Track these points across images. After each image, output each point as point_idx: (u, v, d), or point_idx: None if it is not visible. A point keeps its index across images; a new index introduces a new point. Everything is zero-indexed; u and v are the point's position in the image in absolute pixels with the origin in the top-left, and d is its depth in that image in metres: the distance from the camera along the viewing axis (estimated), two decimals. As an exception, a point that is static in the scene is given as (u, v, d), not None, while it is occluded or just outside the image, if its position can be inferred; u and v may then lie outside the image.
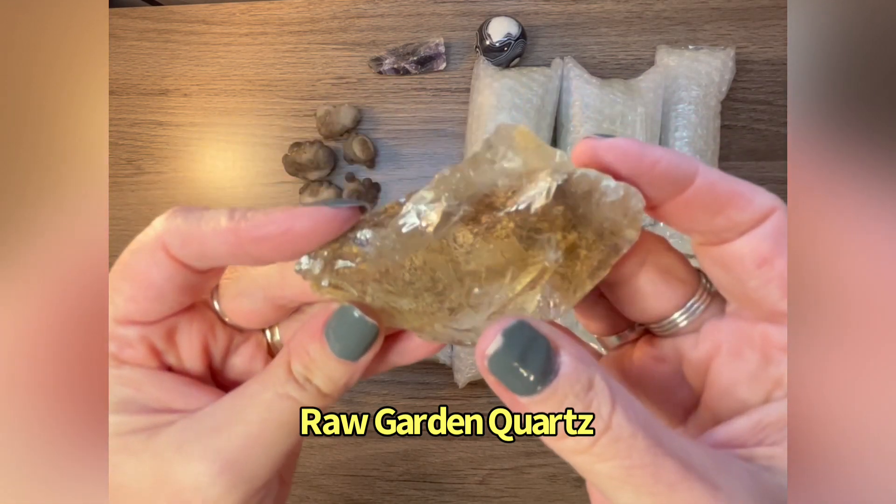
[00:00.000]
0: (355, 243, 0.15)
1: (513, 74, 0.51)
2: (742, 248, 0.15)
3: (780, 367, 0.15)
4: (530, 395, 0.13)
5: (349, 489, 0.53)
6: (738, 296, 0.16)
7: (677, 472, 0.13)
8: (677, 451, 0.13)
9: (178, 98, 0.57)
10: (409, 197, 0.15)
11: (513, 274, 0.15)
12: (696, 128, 0.50)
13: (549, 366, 0.13)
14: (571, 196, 0.14)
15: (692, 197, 0.15)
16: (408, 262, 0.15)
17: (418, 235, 0.15)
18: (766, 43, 0.54)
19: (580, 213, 0.15)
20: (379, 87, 0.56)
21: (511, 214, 0.15)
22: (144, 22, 0.58)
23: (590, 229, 0.15)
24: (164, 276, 0.17)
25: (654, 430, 0.13)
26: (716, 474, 0.13)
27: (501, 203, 0.15)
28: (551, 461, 0.53)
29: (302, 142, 0.53)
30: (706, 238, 0.16)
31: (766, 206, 0.15)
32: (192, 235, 0.16)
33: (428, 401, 0.54)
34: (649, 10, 0.54)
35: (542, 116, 0.50)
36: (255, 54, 0.57)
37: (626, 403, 0.14)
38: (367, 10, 0.56)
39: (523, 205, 0.14)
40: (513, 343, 0.13)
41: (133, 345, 0.18)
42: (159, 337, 0.18)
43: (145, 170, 0.57)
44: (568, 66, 0.52)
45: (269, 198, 0.56)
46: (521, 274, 0.15)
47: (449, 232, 0.15)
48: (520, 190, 0.14)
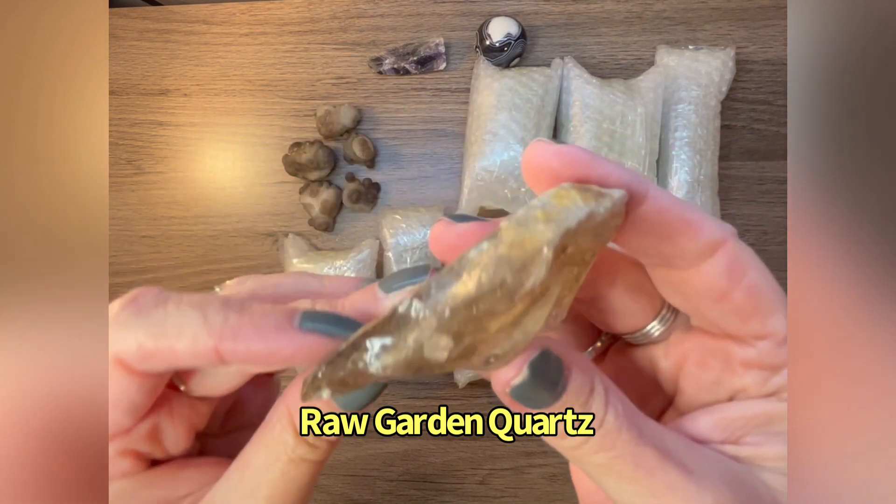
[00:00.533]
0: (364, 361, 0.14)
1: (513, 74, 0.51)
2: (697, 283, 0.15)
3: (744, 379, 0.16)
4: (545, 408, 0.14)
5: (349, 489, 0.53)
6: (698, 319, 0.17)
7: (655, 459, 0.14)
8: (656, 440, 0.15)
9: (178, 98, 0.57)
10: (417, 295, 0.13)
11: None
12: (696, 128, 0.50)
13: (563, 383, 0.14)
14: (571, 237, 0.14)
15: (640, 219, 0.15)
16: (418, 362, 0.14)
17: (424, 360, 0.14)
18: (766, 43, 0.54)
19: (577, 237, 0.14)
20: (379, 87, 0.56)
21: (518, 300, 0.13)
22: (144, 22, 0.58)
23: (583, 241, 0.14)
24: (127, 392, 0.16)
25: (636, 421, 0.15)
26: (689, 459, 0.15)
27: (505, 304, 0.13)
28: (551, 461, 0.53)
29: (302, 142, 0.53)
30: (653, 261, 0.16)
31: (717, 237, 0.15)
32: (156, 351, 0.15)
33: (428, 401, 0.54)
34: (649, 10, 0.54)
35: (542, 116, 0.50)
36: (255, 54, 0.57)
37: (616, 400, 0.15)
38: (367, 10, 0.56)
39: (528, 285, 0.13)
40: (536, 373, 0.14)
41: (114, 461, 0.17)
42: (141, 440, 0.17)
43: (145, 170, 0.57)
44: (568, 66, 0.52)
45: (269, 198, 0.56)
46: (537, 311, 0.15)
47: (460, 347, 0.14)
48: (522, 281, 0.13)
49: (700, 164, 0.50)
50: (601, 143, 0.49)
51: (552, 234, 0.13)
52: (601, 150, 0.49)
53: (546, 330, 0.15)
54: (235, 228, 0.56)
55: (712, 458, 0.15)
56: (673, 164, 0.50)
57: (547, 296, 0.14)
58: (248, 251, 0.56)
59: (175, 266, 0.56)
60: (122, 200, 0.57)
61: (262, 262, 0.56)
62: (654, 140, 0.50)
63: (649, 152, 0.49)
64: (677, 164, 0.50)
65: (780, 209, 0.52)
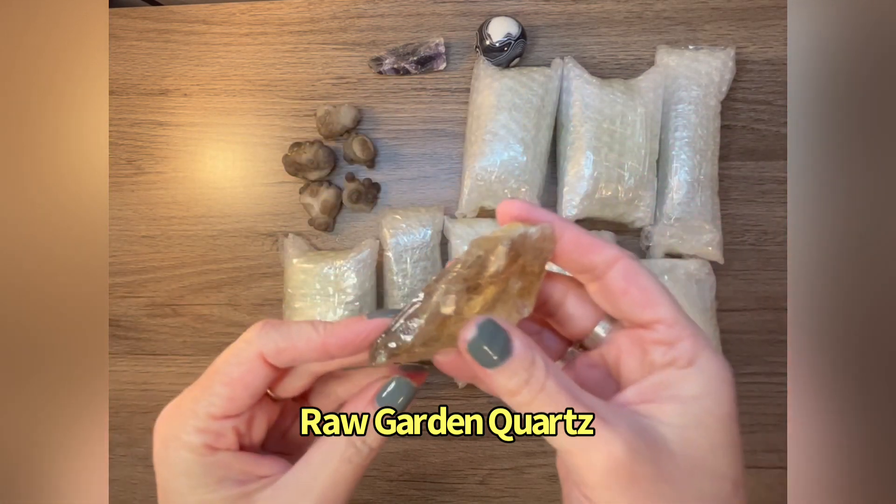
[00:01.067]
0: (403, 333, 0.22)
1: (513, 74, 0.51)
2: (609, 286, 0.23)
3: (653, 355, 0.23)
4: (494, 368, 0.20)
5: (349, 489, 0.53)
6: (619, 315, 0.24)
7: (567, 400, 0.20)
8: (584, 400, 0.20)
9: (178, 98, 0.57)
10: (427, 290, 0.22)
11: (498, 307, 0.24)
12: (696, 128, 0.50)
13: (506, 348, 0.20)
14: (519, 247, 0.23)
15: (566, 245, 0.23)
16: (436, 331, 0.22)
17: (442, 317, 0.22)
18: (766, 43, 0.54)
19: (524, 249, 0.23)
20: (379, 87, 0.56)
21: (489, 279, 0.22)
22: (144, 22, 0.58)
23: (529, 255, 0.23)
24: (258, 378, 0.23)
25: (570, 387, 0.21)
26: (608, 414, 0.20)
27: (483, 278, 0.22)
28: (551, 461, 0.53)
29: (302, 142, 0.53)
30: (586, 278, 0.24)
31: (615, 254, 0.23)
32: (287, 348, 0.23)
33: (428, 401, 0.54)
34: (649, 10, 0.54)
35: (543, 116, 0.50)
36: (255, 54, 0.57)
37: (554, 371, 0.21)
38: (367, 10, 0.56)
39: (493, 269, 0.22)
40: (483, 332, 0.21)
41: (225, 434, 0.23)
42: (243, 423, 0.24)
43: (145, 170, 0.57)
44: (568, 66, 0.52)
45: (269, 198, 0.56)
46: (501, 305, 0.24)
47: (459, 307, 0.22)
48: (488, 263, 0.22)
49: (700, 164, 0.50)
50: (601, 143, 0.49)
51: (506, 238, 0.22)
52: (601, 149, 0.49)
53: (522, 316, 0.24)
54: (235, 228, 0.56)
55: (626, 413, 0.21)
56: (673, 164, 0.50)
57: (508, 291, 0.23)
58: (248, 251, 0.56)
59: (175, 266, 0.56)
60: (122, 200, 0.57)
61: (262, 262, 0.56)
62: (655, 140, 0.50)
63: (649, 152, 0.49)
64: (677, 164, 0.50)
65: (780, 209, 0.52)
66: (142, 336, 0.56)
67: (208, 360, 0.56)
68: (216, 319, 0.56)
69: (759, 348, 0.52)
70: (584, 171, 0.49)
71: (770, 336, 0.52)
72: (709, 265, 0.50)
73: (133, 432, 0.56)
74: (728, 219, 0.53)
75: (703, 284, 0.49)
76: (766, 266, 0.53)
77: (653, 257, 0.51)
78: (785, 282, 0.52)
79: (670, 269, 0.49)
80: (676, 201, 0.50)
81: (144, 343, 0.56)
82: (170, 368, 0.56)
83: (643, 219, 0.50)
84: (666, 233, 0.50)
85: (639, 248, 0.52)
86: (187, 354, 0.56)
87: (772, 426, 0.51)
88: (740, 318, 0.52)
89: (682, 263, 0.50)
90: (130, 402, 0.56)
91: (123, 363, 0.56)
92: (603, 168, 0.49)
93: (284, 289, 0.53)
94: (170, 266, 0.56)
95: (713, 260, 0.50)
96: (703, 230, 0.50)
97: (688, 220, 0.50)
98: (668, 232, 0.50)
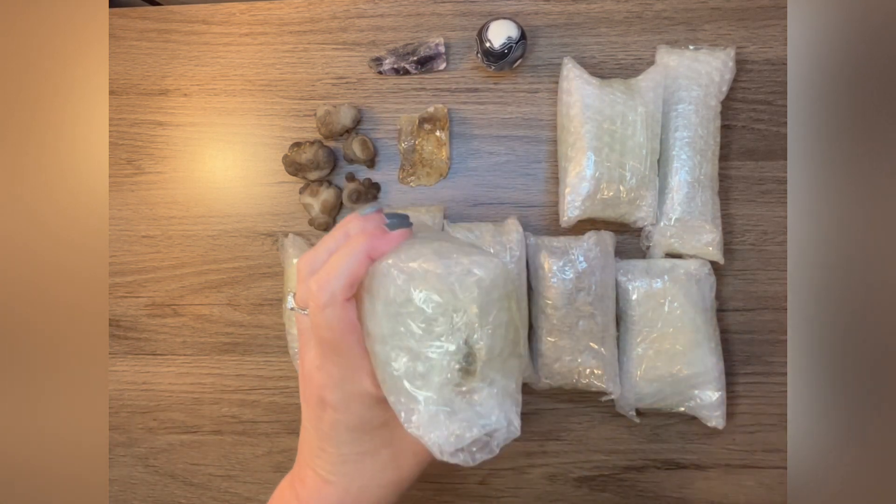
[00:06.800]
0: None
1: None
2: None
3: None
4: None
5: (349, 489, 0.53)
6: None
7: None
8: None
9: (178, 98, 0.57)
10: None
11: None
12: (696, 128, 0.50)
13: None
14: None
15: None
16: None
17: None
18: (766, 43, 0.54)
19: None
20: (379, 87, 0.56)
21: None
22: (144, 22, 0.58)
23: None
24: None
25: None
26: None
27: None
28: (551, 461, 0.53)
29: (302, 142, 0.53)
30: None
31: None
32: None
33: (428, 401, 0.54)
34: (649, 10, 0.54)
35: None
36: (255, 54, 0.57)
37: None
38: (367, 10, 0.56)
39: None
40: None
41: (382, 402, 0.30)
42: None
43: (145, 170, 0.57)
44: (568, 66, 0.52)
45: (269, 198, 0.56)
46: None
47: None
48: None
49: (700, 163, 0.50)
50: (602, 143, 0.49)
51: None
52: (602, 150, 0.49)
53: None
54: (235, 228, 0.56)
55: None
56: (673, 164, 0.50)
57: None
58: (248, 251, 0.56)
59: (175, 266, 0.56)
60: (122, 200, 0.57)
61: (262, 262, 0.56)
62: (656, 139, 0.50)
63: (650, 151, 0.49)
64: (677, 163, 0.50)
65: (780, 209, 0.52)
66: (142, 336, 0.56)
67: (208, 359, 0.56)
68: (216, 319, 0.56)
69: (759, 348, 0.52)
70: (586, 172, 0.49)
71: (770, 336, 0.52)
72: (709, 265, 0.50)
73: (133, 432, 0.56)
74: (728, 219, 0.53)
75: (703, 284, 0.49)
76: (766, 266, 0.53)
77: (653, 257, 0.51)
78: (785, 282, 0.52)
79: (670, 269, 0.49)
80: (677, 201, 0.50)
81: (144, 343, 0.56)
82: (170, 368, 0.56)
83: (645, 218, 0.50)
84: (666, 233, 0.50)
85: (639, 248, 0.52)
86: (187, 354, 0.56)
87: (772, 426, 0.51)
88: (740, 318, 0.52)
89: (682, 263, 0.50)
90: (130, 402, 0.56)
91: (123, 363, 0.56)
92: (604, 168, 0.49)
93: (284, 289, 0.53)
94: (170, 266, 0.56)
95: (713, 260, 0.50)
96: (703, 230, 0.50)
97: (688, 220, 0.50)
98: (669, 232, 0.50)
